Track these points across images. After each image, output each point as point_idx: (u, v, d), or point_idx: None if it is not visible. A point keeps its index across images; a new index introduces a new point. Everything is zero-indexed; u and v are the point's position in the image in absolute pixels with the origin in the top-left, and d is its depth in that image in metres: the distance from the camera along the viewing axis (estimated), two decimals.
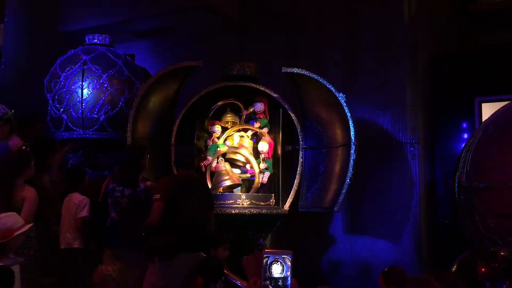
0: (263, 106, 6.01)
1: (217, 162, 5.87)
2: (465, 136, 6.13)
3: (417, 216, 5.94)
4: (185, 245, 4.21)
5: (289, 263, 4.20)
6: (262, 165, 5.86)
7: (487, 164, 4.73)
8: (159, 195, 4.20)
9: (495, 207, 4.55)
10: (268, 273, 4.13)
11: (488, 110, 5.89)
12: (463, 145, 5.42)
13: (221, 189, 5.72)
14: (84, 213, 5.03)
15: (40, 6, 8.01)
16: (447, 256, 4.46)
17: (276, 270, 4.17)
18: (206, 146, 6.07)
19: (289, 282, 4.18)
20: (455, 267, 3.85)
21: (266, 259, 4.27)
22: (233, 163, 5.95)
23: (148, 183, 4.51)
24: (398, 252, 5.94)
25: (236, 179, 5.74)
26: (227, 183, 5.67)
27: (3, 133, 4.76)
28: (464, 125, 6.28)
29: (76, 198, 5.13)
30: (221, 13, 7.17)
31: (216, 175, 5.78)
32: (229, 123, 6.08)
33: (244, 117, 6.09)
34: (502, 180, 4.54)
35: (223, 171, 5.73)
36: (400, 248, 5.95)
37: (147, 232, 4.23)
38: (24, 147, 4.88)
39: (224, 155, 5.94)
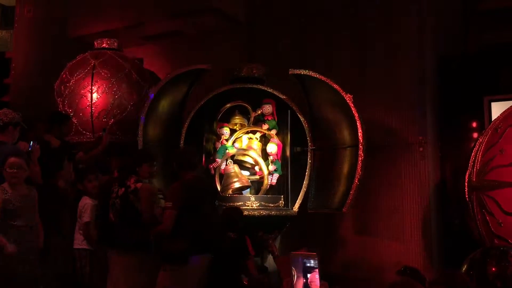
0: (271, 108, 6.03)
1: (226, 164, 5.89)
2: (475, 135, 6.10)
3: (427, 216, 5.91)
4: (198, 249, 4.23)
5: (316, 265, 4.40)
6: (271, 167, 5.87)
7: (497, 163, 4.71)
8: (171, 203, 4.21)
9: (506, 205, 4.54)
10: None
11: (497, 109, 5.85)
12: (473, 144, 5.39)
13: (230, 191, 5.74)
14: (86, 218, 5.09)
15: (49, 12, 8.12)
16: (457, 256, 4.44)
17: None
18: (214, 148, 6.09)
19: (318, 282, 4.35)
20: (465, 266, 3.84)
21: (296, 260, 4.46)
22: (242, 165, 5.96)
23: (139, 184, 4.46)
24: (408, 252, 5.91)
25: (245, 181, 5.76)
26: (237, 185, 5.69)
27: (14, 137, 4.83)
28: (474, 124, 6.25)
29: (82, 201, 5.19)
30: (228, 16, 7.19)
31: (225, 177, 5.81)
32: (237, 125, 6.11)
33: (252, 119, 6.11)
34: None
35: (232, 173, 5.75)
36: (410, 248, 5.92)
37: (159, 240, 4.27)
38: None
39: (233, 157, 5.96)
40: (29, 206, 4.35)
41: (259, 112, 6.05)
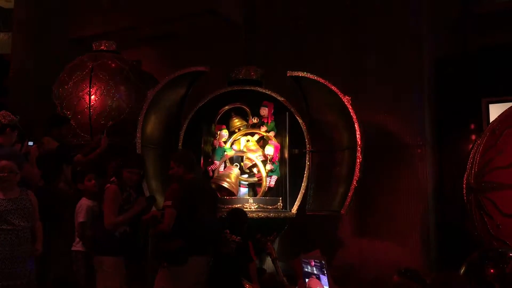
0: (269, 110, 6.03)
1: (225, 167, 5.88)
2: (473, 137, 6.11)
3: (426, 218, 5.92)
4: (196, 249, 4.23)
5: (325, 266, 4.54)
6: (268, 166, 5.85)
7: (495, 164, 4.71)
8: (170, 202, 4.19)
9: (504, 207, 4.53)
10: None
11: (495, 110, 5.86)
12: (471, 146, 5.40)
13: (213, 186, 5.65)
14: (80, 218, 5.07)
15: (47, 14, 8.12)
16: (456, 258, 4.44)
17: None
18: (213, 150, 6.09)
19: (326, 282, 4.59)
20: (463, 268, 3.83)
21: (305, 262, 4.57)
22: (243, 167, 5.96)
23: (107, 185, 4.42)
24: (407, 254, 5.92)
25: (234, 189, 5.71)
26: (225, 185, 5.65)
27: (11, 139, 4.82)
28: (472, 126, 6.26)
29: (79, 203, 5.18)
30: (226, 18, 7.20)
31: (222, 172, 5.80)
32: (236, 128, 6.10)
33: (250, 121, 6.11)
34: (510, 180, 4.52)
35: (230, 174, 5.75)
36: (409, 250, 5.93)
37: (158, 239, 4.27)
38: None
39: (232, 159, 5.96)
40: (20, 210, 4.26)
41: (256, 120, 6.05)
